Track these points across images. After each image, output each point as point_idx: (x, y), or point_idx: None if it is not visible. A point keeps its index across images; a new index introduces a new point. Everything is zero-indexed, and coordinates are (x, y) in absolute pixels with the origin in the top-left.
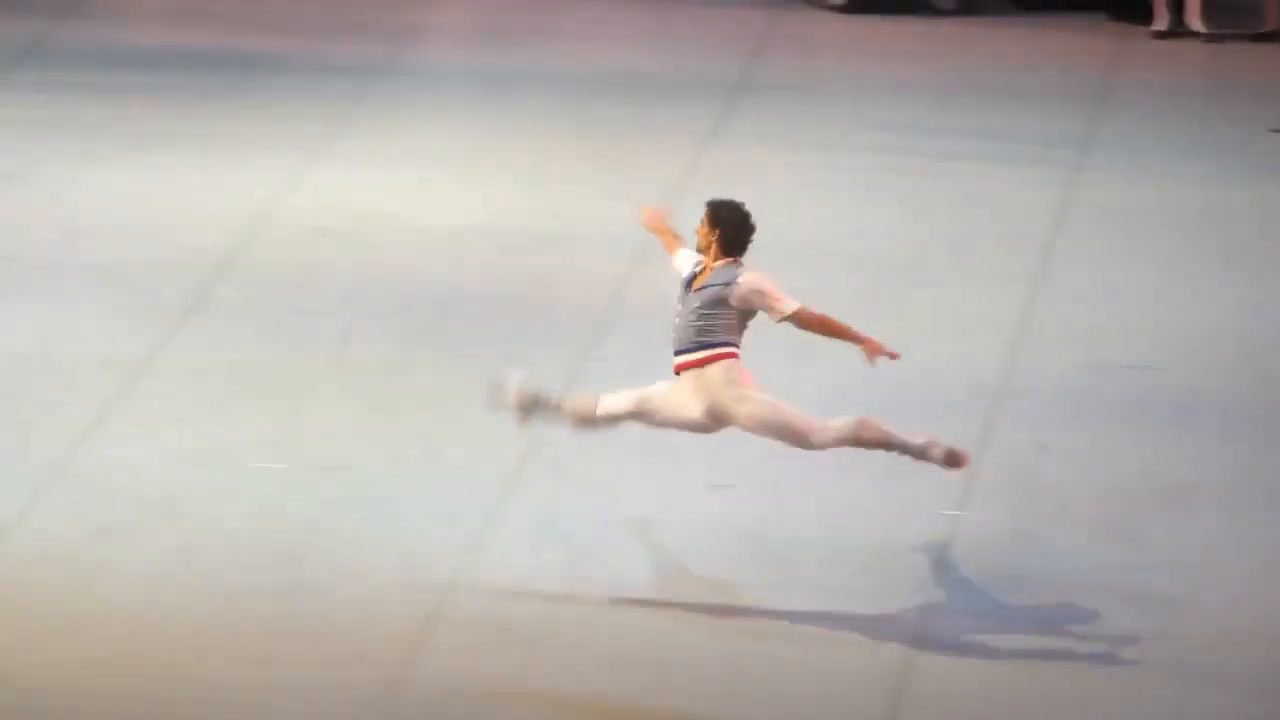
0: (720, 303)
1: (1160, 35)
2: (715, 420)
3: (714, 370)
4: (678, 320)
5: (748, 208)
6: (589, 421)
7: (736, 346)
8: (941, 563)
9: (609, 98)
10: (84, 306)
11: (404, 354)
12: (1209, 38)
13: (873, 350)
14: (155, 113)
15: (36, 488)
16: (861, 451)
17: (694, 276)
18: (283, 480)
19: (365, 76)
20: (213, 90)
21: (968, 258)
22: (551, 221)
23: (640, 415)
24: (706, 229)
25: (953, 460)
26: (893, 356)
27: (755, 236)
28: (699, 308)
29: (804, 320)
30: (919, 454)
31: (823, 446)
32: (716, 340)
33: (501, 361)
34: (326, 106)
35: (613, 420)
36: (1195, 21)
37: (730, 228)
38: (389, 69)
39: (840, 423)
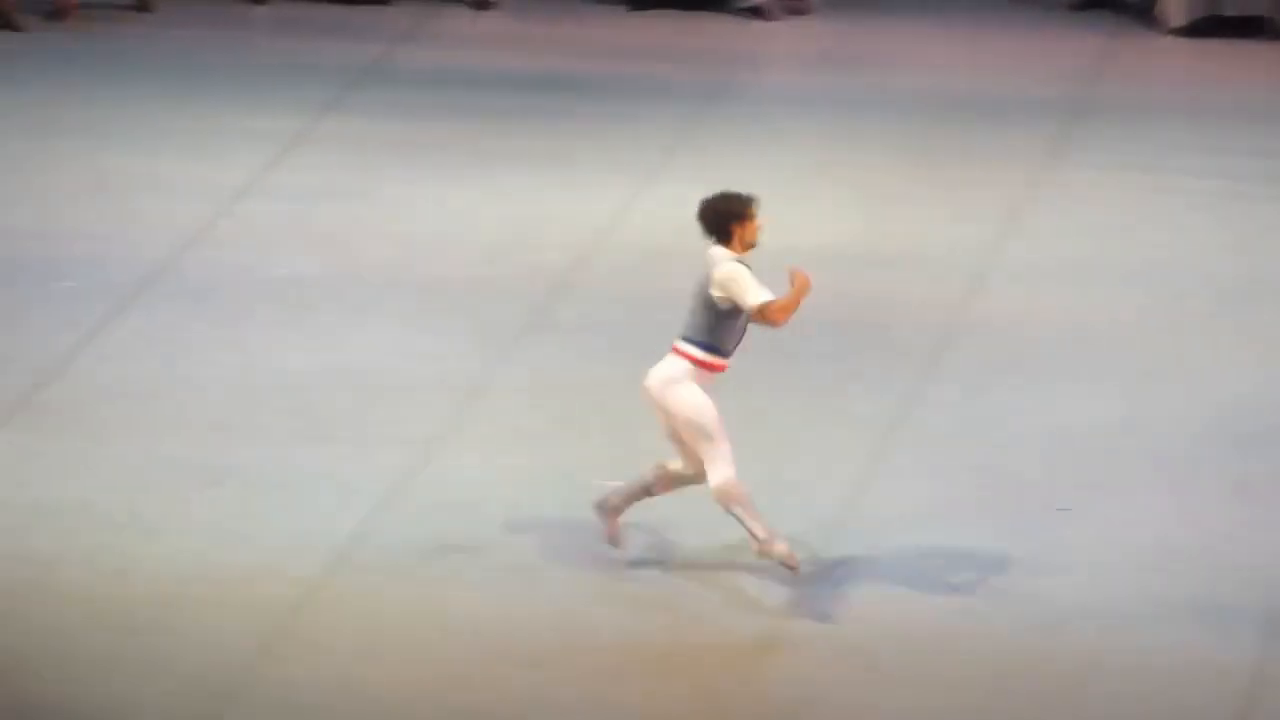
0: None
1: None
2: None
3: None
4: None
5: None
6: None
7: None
8: None
9: (944, 121)
10: (424, 324)
11: (740, 373)
12: None
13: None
14: (494, 133)
15: (380, 503)
16: None
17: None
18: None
19: (702, 99)
20: (550, 111)
21: None
22: (886, 243)
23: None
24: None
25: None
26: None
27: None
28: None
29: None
30: (759, 544)
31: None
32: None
33: (837, 381)
34: (664, 128)
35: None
36: None
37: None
38: (725, 92)
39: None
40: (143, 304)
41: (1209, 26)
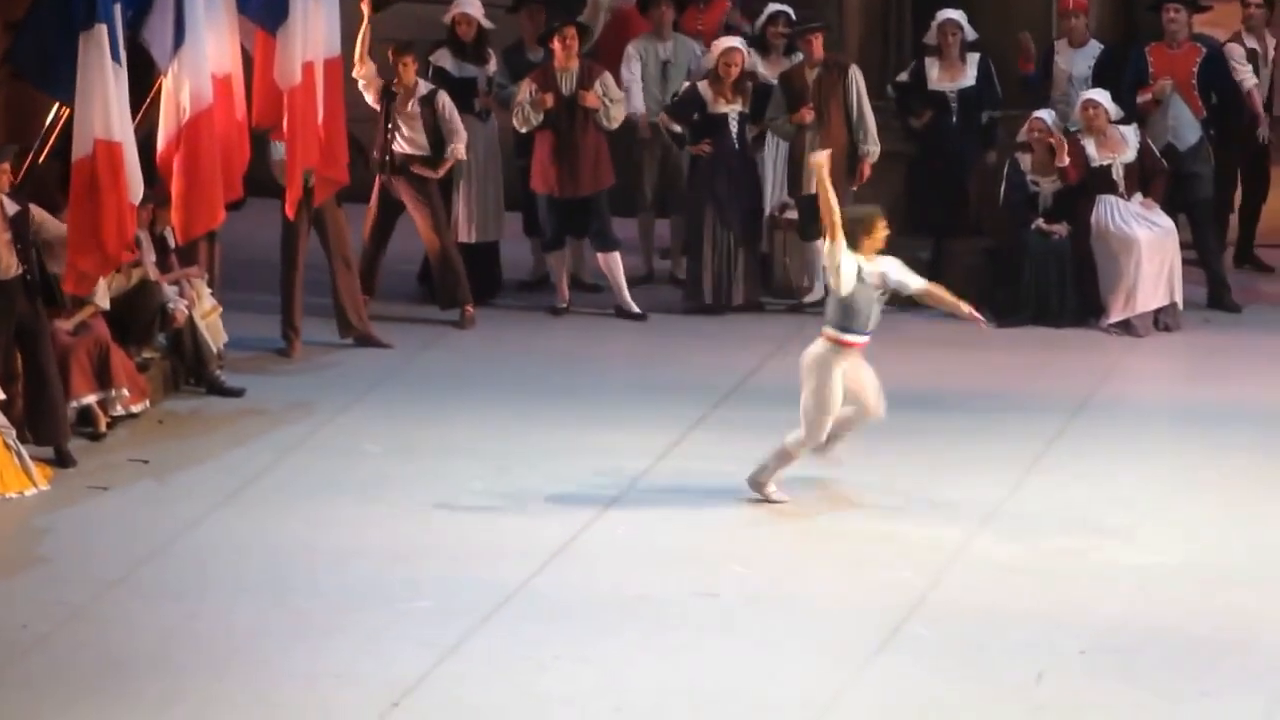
0: None
1: None
2: None
3: None
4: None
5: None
6: None
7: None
8: None
9: None
10: (780, 643)
11: (1094, 693)
12: None
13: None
14: (848, 451)
15: None
16: None
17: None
18: None
19: (1063, 414)
20: (907, 429)
21: None
22: (1249, 556)
23: None
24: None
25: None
26: None
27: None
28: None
29: None
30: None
31: None
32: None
33: (1189, 699)
34: (1023, 443)
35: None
36: None
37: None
38: (1087, 407)
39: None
40: (496, 624)
41: None
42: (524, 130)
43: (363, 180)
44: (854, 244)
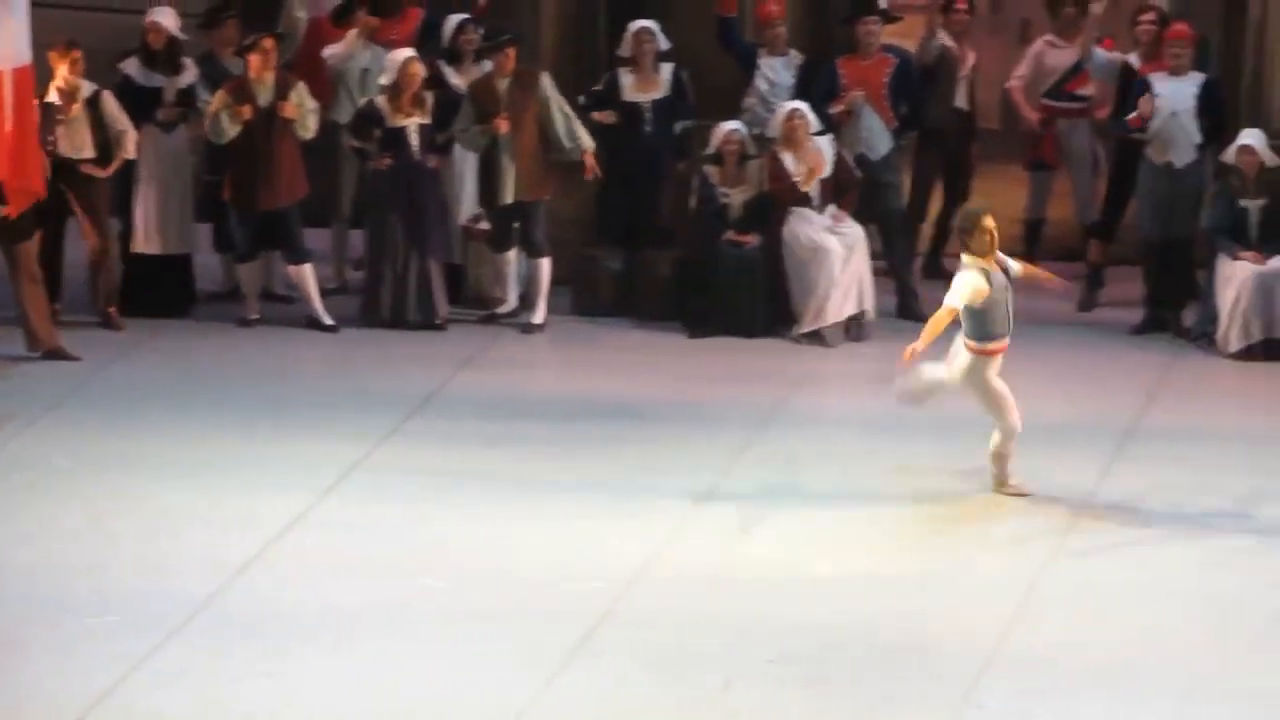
0: None
1: None
2: None
3: None
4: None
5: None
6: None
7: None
8: None
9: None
10: (468, 655)
11: (782, 701)
12: None
13: None
14: (543, 461)
15: None
16: None
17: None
18: None
19: (754, 425)
20: (602, 439)
21: None
22: (935, 566)
23: None
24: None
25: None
26: None
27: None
28: None
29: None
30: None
31: None
32: None
33: (875, 704)
34: (715, 454)
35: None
36: None
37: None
38: (777, 417)
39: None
40: (185, 637)
41: (1268, 351)
42: (220, 142)
43: None
44: (968, 250)
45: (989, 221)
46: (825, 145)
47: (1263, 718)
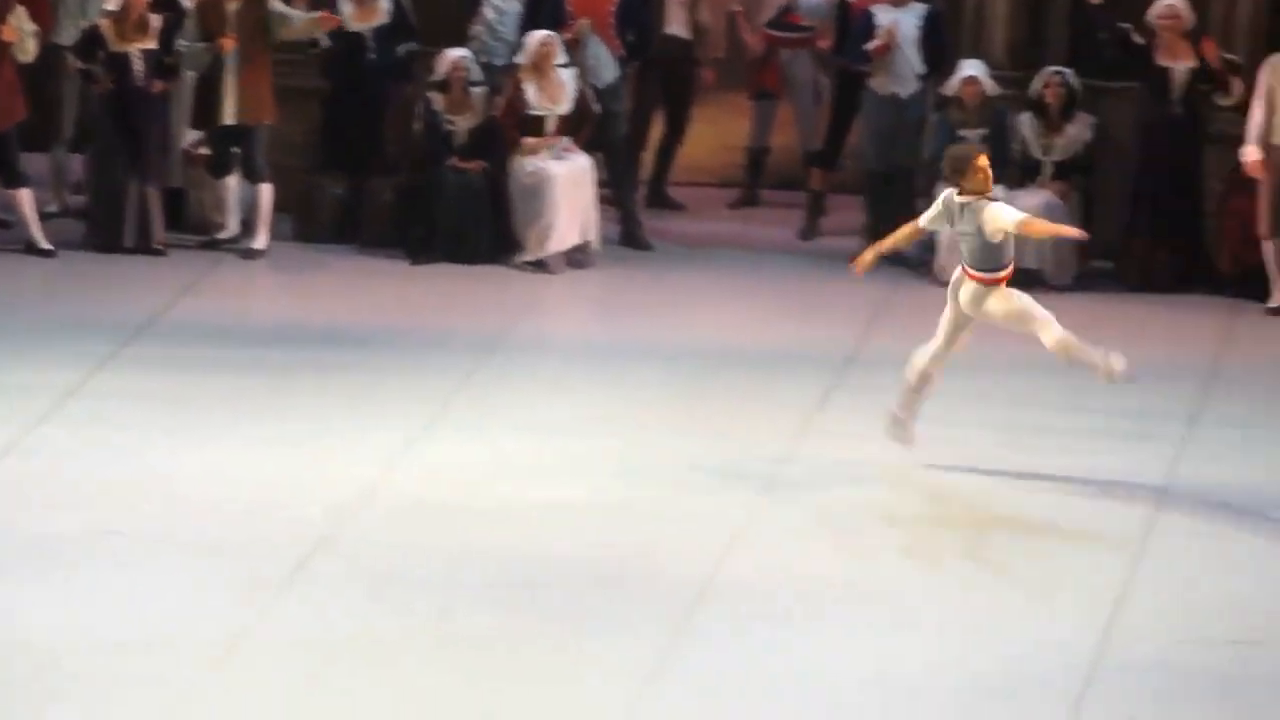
0: None
1: (1275, 312)
2: None
3: None
4: None
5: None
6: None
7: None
8: None
9: (720, 373)
10: (181, 583)
11: (501, 627)
12: None
13: None
14: (264, 388)
15: None
16: None
17: None
18: None
19: (477, 352)
20: (323, 366)
21: None
22: (655, 492)
23: None
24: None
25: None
26: None
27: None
28: None
29: None
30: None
31: None
32: None
33: (593, 631)
34: (437, 381)
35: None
36: None
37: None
38: (501, 344)
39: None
40: None
41: None
42: None
43: None
44: (964, 190)
45: (983, 160)
46: (569, 78)
47: (970, 640)
